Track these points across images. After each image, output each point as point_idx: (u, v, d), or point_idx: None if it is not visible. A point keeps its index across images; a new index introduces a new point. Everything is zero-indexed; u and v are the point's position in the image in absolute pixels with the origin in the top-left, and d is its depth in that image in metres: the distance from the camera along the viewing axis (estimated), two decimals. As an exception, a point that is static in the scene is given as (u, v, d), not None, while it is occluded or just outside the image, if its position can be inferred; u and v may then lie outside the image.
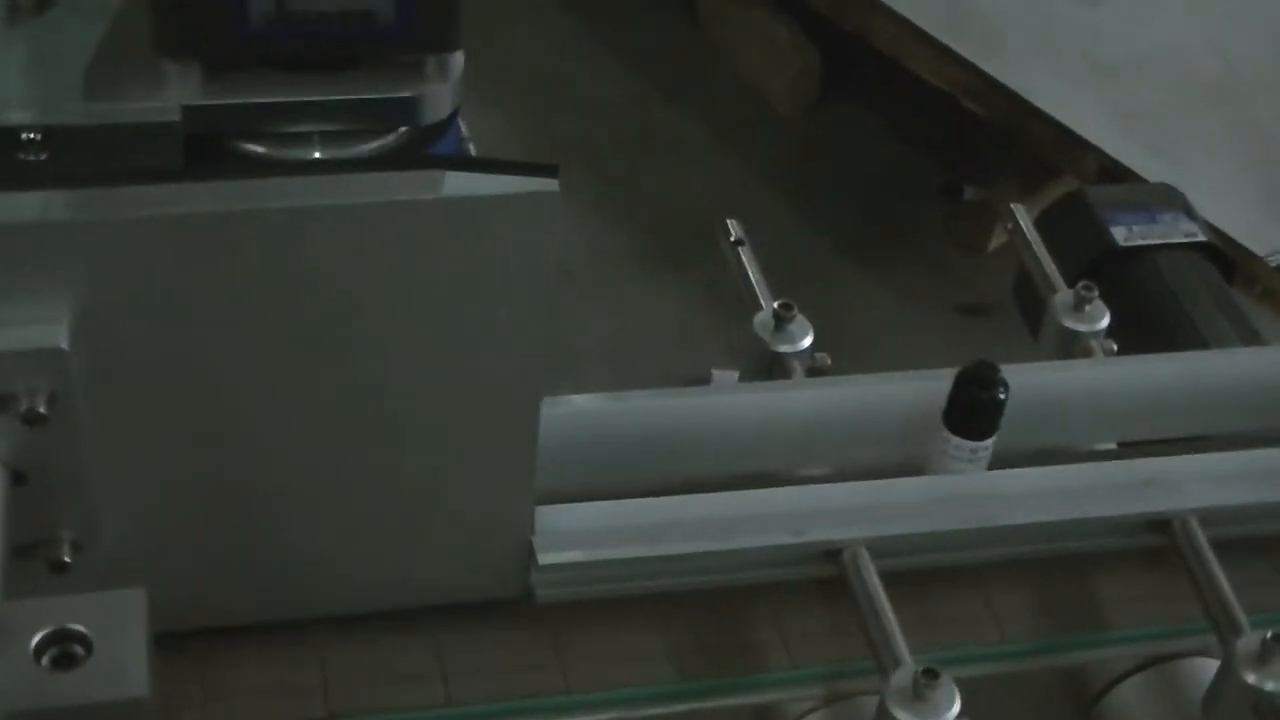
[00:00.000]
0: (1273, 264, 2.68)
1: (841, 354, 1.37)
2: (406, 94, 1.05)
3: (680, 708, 1.18)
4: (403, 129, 1.07)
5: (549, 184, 0.98)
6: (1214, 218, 2.67)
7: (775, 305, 1.31)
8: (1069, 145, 2.79)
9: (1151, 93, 2.88)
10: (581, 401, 1.25)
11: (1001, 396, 1.24)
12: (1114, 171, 2.74)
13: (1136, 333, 1.53)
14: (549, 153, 2.90)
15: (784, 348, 1.31)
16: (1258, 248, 2.69)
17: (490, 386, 1.04)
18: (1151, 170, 2.70)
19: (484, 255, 0.99)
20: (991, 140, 2.94)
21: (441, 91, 1.06)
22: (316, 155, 1.06)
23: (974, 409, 1.24)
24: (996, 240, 2.97)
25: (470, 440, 1.08)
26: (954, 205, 2.99)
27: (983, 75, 2.85)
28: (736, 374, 1.36)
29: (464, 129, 1.24)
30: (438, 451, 1.08)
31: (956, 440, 1.25)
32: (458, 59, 1.09)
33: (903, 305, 2.79)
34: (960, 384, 1.24)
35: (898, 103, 3.11)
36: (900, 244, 2.90)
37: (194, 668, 1.12)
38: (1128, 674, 1.27)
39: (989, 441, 1.26)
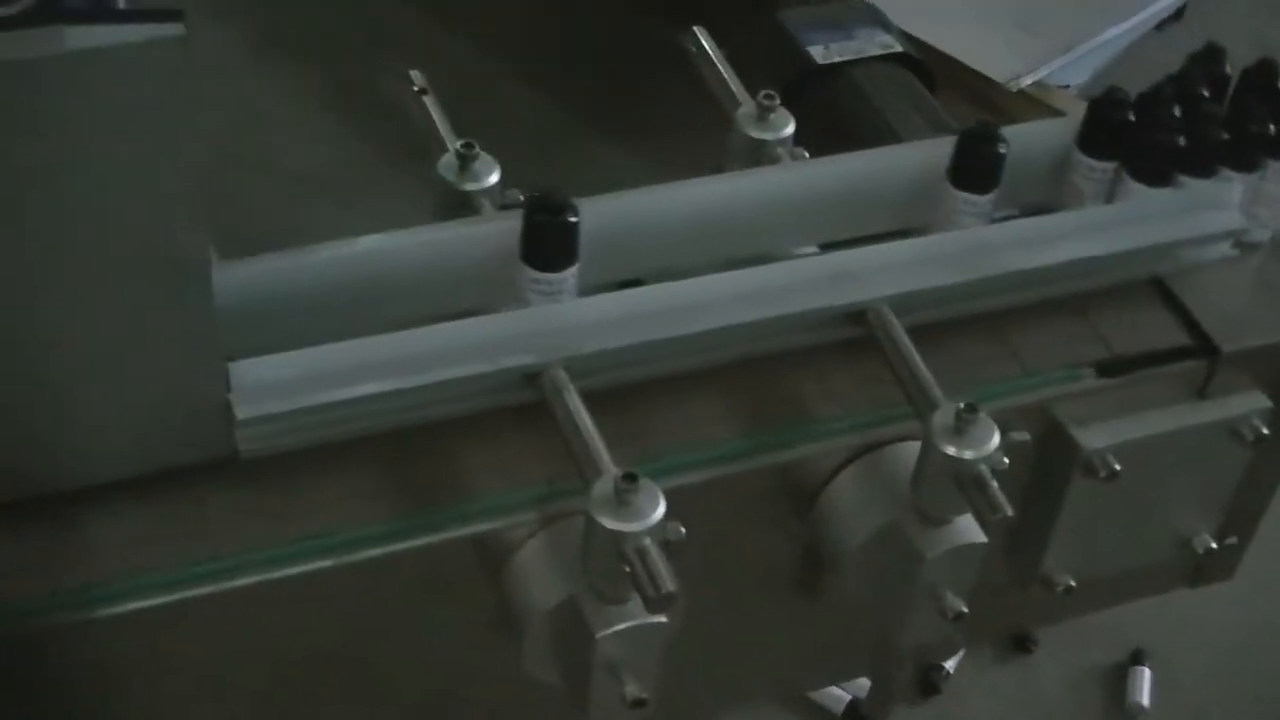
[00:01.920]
0: (1013, 89, 2.73)
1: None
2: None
3: (400, 546, 1.19)
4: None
5: (174, 29, 0.97)
6: (952, 49, 2.73)
7: (458, 145, 1.32)
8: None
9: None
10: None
11: (1002, 150, 1.34)
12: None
13: (839, 147, 1.56)
14: (277, 56, 2.87)
15: (470, 186, 1.31)
16: (998, 74, 2.74)
17: (145, 244, 1.03)
18: (885, 6, 2.72)
19: (119, 107, 0.97)
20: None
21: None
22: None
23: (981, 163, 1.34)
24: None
25: (139, 299, 1.07)
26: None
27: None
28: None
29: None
30: (107, 314, 1.07)
31: (965, 195, 1.35)
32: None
33: (665, 167, 2.79)
34: (965, 142, 1.34)
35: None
36: (650, 114, 2.89)
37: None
38: (841, 467, 1.30)
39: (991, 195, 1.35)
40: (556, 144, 2.77)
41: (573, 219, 1.22)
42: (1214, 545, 1.49)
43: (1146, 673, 2.49)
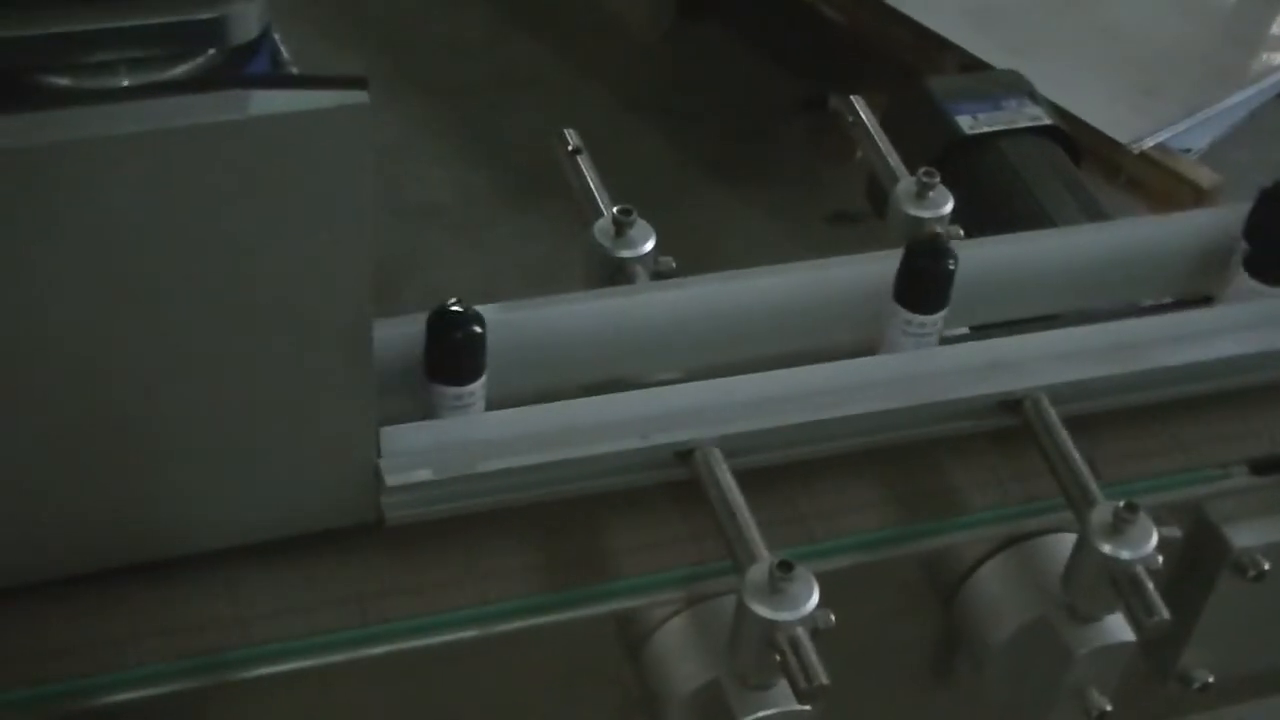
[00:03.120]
0: (1135, 151, 2.70)
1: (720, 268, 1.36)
2: (209, 14, 1.02)
3: (543, 620, 1.17)
4: (211, 51, 1.05)
5: (358, 96, 0.96)
6: (1076, 109, 2.71)
7: (615, 211, 1.30)
8: (928, 47, 2.79)
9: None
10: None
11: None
12: (976, 71, 2.75)
13: (987, 218, 1.54)
14: (404, 93, 2.88)
15: (625, 253, 1.30)
16: (1120, 136, 2.71)
17: (315, 308, 1.03)
18: (1010, 67, 2.70)
19: (297, 173, 0.97)
20: (853, 48, 2.94)
21: (247, 10, 1.04)
22: (125, 84, 1.04)
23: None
24: (865, 148, 2.97)
25: (301, 365, 1.06)
26: (819, 117, 2.98)
27: (839, -18, 2.85)
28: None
29: (285, 52, 1.21)
30: (270, 379, 1.06)
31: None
32: (262, -26, 1.07)
33: (774, 220, 2.79)
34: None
35: (756, 18, 3.10)
36: (768, 160, 2.89)
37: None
38: (988, 556, 1.27)
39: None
40: (684, 193, 2.77)
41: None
42: (1358, 648, 1.45)
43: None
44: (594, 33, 3.10)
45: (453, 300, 1.17)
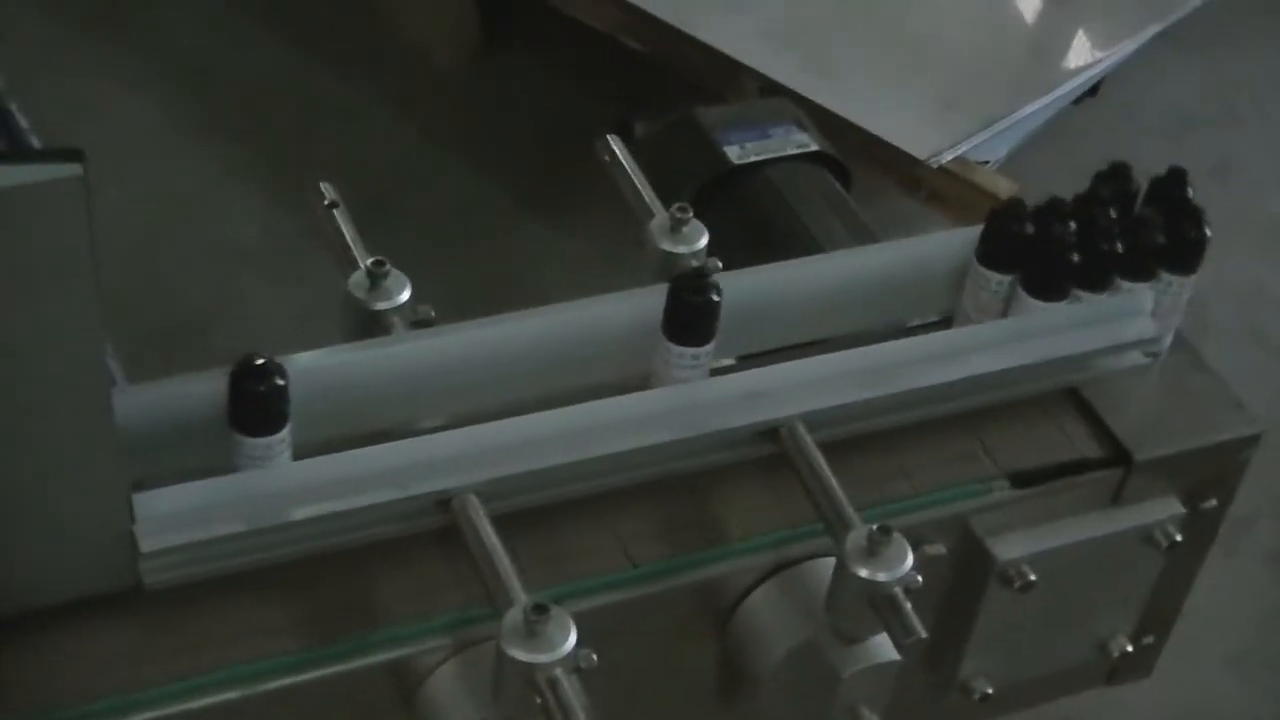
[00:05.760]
0: (934, 166, 2.74)
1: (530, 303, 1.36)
2: (-77, 91, 1.02)
3: (311, 675, 1.17)
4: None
5: (72, 169, 0.96)
6: (874, 127, 2.75)
7: (369, 263, 1.31)
8: (725, 69, 2.81)
9: (801, 10, 2.92)
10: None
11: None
12: (775, 92, 2.78)
13: (756, 246, 1.56)
14: (210, 134, 2.86)
15: (381, 305, 1.30)
16: (919, 151, 2.75)
17: (43, 382, 1.02)
18: (809, 86, 2.73)
19: (12, 248, 0.96)
20: (657, 75, 2.95)
21: (-37, 86, 1.04)
22: None
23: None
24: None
25: (44, 434, 1.05)
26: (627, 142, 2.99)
27: (639, 12, 2.86)
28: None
29: (24, 121, 1.21)
30: (12, 452, 1.05)
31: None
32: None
33: (592, 245, 2.79)
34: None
35: (562, 47, 3.11)
36: (580, 190, 2.90)
37: None
38: (757, 583, 1.29)
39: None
40: (497, 225, 2.77)
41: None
42: (1130, 648, 1.49)
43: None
44: (400, 64, 3.09)
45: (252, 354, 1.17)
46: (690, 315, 1.29)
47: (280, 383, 1.17)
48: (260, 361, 1.16)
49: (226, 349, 1.18)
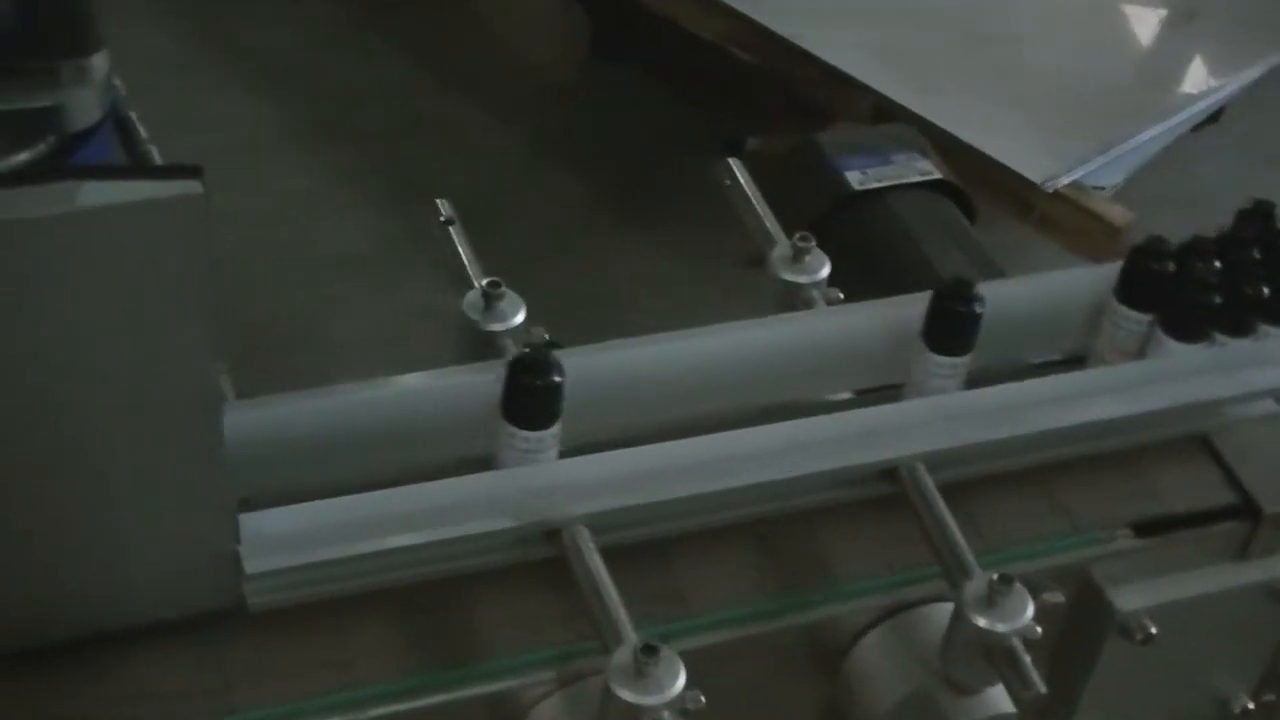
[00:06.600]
0: (1049, 190, 2.70)
1: (624, 314, 1.34)
2: (43, 103, 1.00)
3: (413, 704, 1.15)
4: (51, 138, 1.03)
5: (192, 187, 0.94)
6: (988, 149, 2.71)
7: (483, 284, 1.28)
8: (841, 87, 2.78)
9: (916, 33, 2.89)
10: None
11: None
12: (888, 112, 2.75)
13: (875, 274, 1.53)
14: (315, 142, 2.86)
15: (495, 326, 1.28)
16: (1034, 175, 2.71)
17: (163, 397, 1.00)
18: (922, 105, 2.70)
19: (131, 265, 0.95)
20: (768, 89, 2.93)
21: (84, 97, 1.02)
22: (-36, 173, 1.02)
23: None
24: (783, 189, 2.95)
25: (153, 452, 1.04)
26: (738, 159, 2.96)
27: (750, 23, 2.84)
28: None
29: (144, 131, 1.19)
30: (122, 468, 1.03)
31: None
32: (99, 62, 1.04)
33: (692, 263, 2.77)
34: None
35: (672, 59, 3.08)
36: (686, 203, 2.88)
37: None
38: (870, 625, 1.26)
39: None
40: (599, 236, 2.74)
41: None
42: (1250, 705, 1.44)
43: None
44: (508, 75, 3.08)
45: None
46: (956, 325, 1.28)
47: (557, 379, 1.16)
48: (540, 356, 1.16)
49: (318, 358, 1.16)
